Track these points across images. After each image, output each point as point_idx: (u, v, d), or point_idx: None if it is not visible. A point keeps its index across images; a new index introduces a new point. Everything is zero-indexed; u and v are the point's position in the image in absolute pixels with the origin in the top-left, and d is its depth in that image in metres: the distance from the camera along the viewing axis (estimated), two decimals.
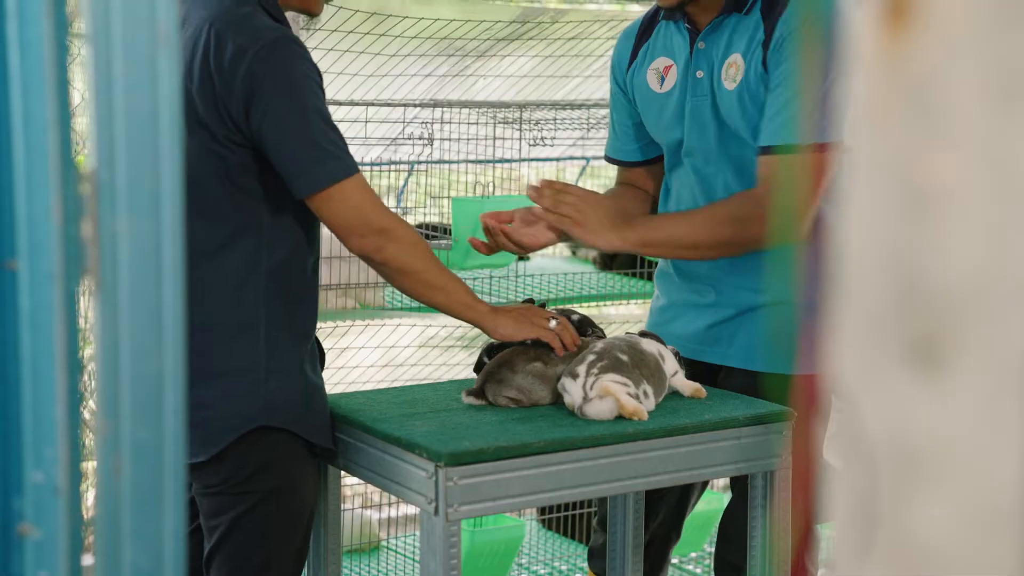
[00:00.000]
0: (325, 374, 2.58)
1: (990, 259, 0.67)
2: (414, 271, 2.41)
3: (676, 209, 2.82)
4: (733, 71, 2.67)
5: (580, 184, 4.18)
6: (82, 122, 1.30)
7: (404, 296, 3.97)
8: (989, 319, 0.68)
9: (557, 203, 2.62)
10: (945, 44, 0.67)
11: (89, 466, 2.23)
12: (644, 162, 2.95)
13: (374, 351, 4.16)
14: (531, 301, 2.74)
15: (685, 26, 2.76)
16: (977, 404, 0.68)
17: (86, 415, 1.30)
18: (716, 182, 2.75)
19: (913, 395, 0.69)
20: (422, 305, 3.90)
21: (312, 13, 2.53)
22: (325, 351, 2.64)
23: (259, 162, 2.35)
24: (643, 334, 2.61)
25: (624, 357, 2.45)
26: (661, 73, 2.81)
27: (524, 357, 2.51)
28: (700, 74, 2.73)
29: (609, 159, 3.02)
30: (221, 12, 2.35)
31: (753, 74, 2.64)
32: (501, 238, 2.68)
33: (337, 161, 2.33)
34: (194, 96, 2.32)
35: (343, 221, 2.35)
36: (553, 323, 2.54)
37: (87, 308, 1.59)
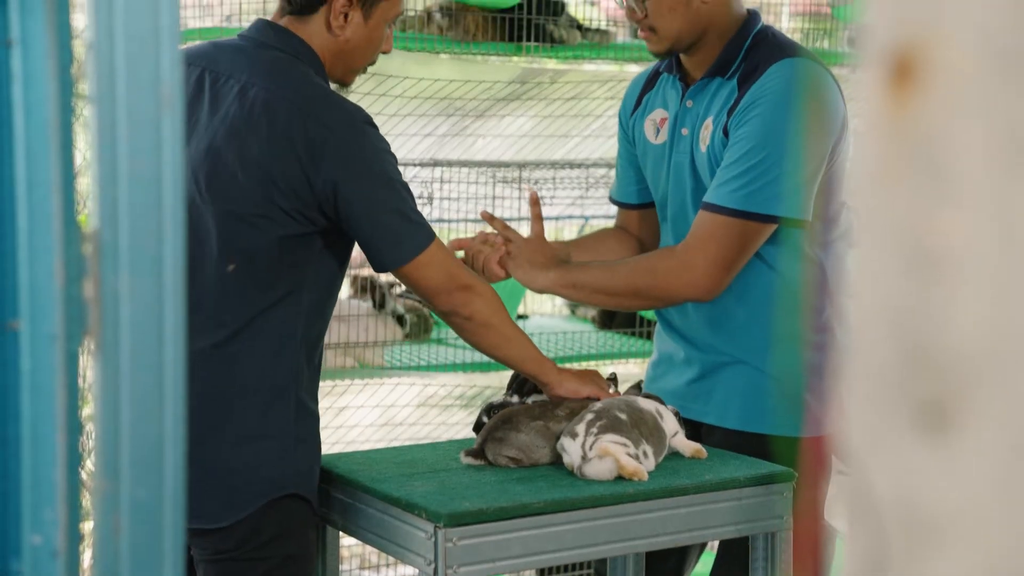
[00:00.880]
0: (323, 433, 2.57)
1: (998, 321, 0.67)
2: (494, 324, 2.48)
3: None
4: (706, 133, 2.70)
5: None
6: (84, 182, 1.30)
7: (403, 356, 3.98)
8: (997, 381, 0.67)
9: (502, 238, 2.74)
10: (951, 104, 0.68)
11: (87, 527, 2.22)
12: (639, 206, 2.97)
13: (373, 410, 4.15)
14: None
15: (679, 82, 2.79)
16: (986, 468, 0.68)
17: (83, 476, 1.29)
18: None
19: (922, 459, 0.69)
20: (420, 364, 3.92)
21: (346, 84, 2.59)
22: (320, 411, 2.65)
23: (322, 235, 2.38)
24: (645, 395, 2.61)
25: (623, 416, 2.44)
26: (657, 125, 2.84)
27: (527, 416, 2.51)
28: (685, 132, 2.76)
29: (611, 200, 3.06)
30: (296, 88, 2.37)
31: (717, 138, 2.67)
32: (479, 261, 2.75)
33: (421, 228, 2.40)
34: (268, 168, 2.33)
35: (434, 283, 2.42)
36: (612, 389, 2.63)
37: (85, 367, 1.59)
